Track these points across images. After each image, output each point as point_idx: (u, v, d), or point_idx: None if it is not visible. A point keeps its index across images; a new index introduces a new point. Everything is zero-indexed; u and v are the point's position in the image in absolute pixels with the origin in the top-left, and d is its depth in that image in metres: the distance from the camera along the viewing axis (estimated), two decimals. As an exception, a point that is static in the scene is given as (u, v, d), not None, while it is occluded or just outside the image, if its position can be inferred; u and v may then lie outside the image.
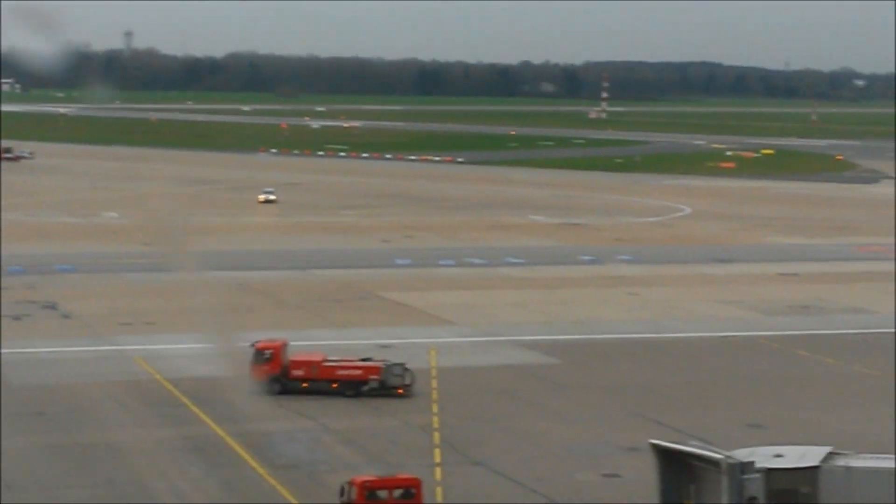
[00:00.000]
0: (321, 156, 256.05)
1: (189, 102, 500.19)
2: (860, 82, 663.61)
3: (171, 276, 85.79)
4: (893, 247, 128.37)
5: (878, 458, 42.57)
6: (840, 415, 64.91)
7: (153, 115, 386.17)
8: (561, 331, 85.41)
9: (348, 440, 58.57)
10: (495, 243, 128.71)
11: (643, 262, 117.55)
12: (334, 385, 66.55)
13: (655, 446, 43.19)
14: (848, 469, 40.04)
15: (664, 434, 54.56)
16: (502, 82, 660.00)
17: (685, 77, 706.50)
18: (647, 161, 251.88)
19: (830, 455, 41.06)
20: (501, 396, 67.74)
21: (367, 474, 48.37)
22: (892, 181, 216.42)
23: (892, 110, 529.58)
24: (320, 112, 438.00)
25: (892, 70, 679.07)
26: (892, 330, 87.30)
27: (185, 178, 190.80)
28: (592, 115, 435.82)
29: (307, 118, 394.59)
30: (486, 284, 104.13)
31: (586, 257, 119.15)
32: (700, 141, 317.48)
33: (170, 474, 52.91)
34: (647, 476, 46.02)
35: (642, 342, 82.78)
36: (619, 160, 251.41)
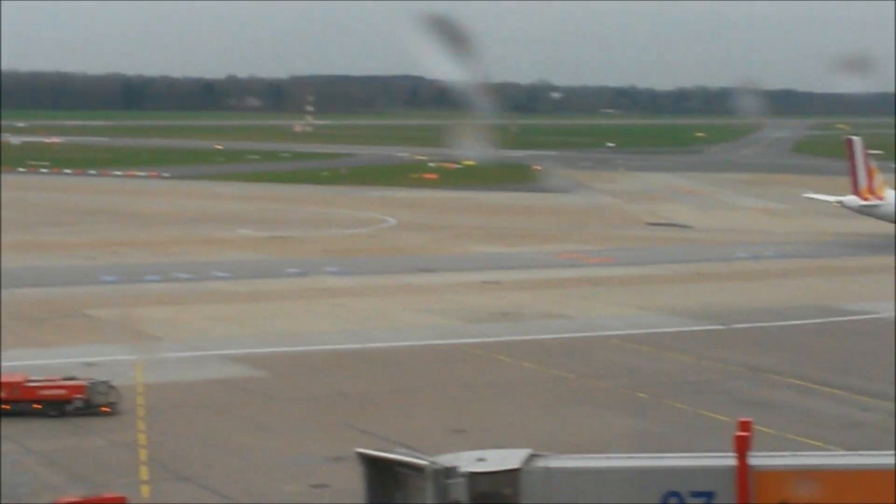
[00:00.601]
0: (22, 172, 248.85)
1: None
2: (556, 95, 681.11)
3: None
4: (588, 253, 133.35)
5: (575, 458, 43.99)
6: (540, 417, 67.02)
7: None
8: (269, 343, 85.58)
9: (52, 461, 57.54)
10: (203, 258, 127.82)
11: (350, 273, 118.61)
12: (37, 406, 65.20)
13: (362, 455, 43.76)
14: (547, 470, 41.20)
15: (371, 443, 55.35)
16: (208, 97, 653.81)
17: (389, 90, 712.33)
18: (353, 173, 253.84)
19: (531, 457, 42.13)
20: (209, 411, 67.57)
21: (71, 495, 47.71)
22: (587, 190, 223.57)
23: (587, 122, 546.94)
24: (20, 128, 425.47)
25: (586, 83, 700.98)
26: (589, 333, 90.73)
27: None
28: (298, 129, 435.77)
29: (6, 134, 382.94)
30: (193, 299, 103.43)
31: (294, 270, 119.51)
32: (404, 153, 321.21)
33: None
34: (354, 485, 46.63)
35: (350, 353, 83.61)
36: (325, 173, 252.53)
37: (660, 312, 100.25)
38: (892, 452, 40.64)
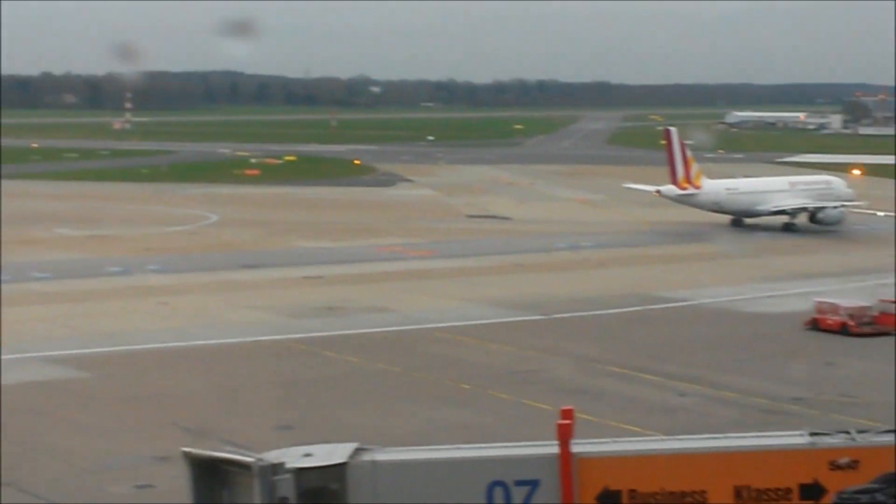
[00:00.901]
0: None
1: None
2: (376, 89, 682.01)
3: None
4: (410, 247, 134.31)
5: (401, 450, 44.38)
6: (365, 411, 67.43)
7: None
8: (91, 344, 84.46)
9: None
10: (20, 258, 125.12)
11: (172, 271, 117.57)
12: None
13: (187, 454, 43.61)
14: (374, 463, 41.54)
15: (197, 441, 55.22)
16: (23, 94, 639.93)
17: (208, 86, 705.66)
18: (173, 170, 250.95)
19: (357, 451, 42.41)
20: (31, 414, 66.53)
21: None
22: (408, 183, 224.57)
23: (407, 115, 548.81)
24: None
25: (405, 77, 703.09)
26: (413, 326, 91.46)
27: None
28: (117, 126, 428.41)
29: None
30: (11, 301, 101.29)
31: (115, 269, 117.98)
32: (225, 149, 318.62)
33: None
34: (180, 485, 46.48)
35: (174, 351, 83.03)
36: (145, 170, 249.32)
37: (482, 304, 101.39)
38: (709, 436, 41.90)
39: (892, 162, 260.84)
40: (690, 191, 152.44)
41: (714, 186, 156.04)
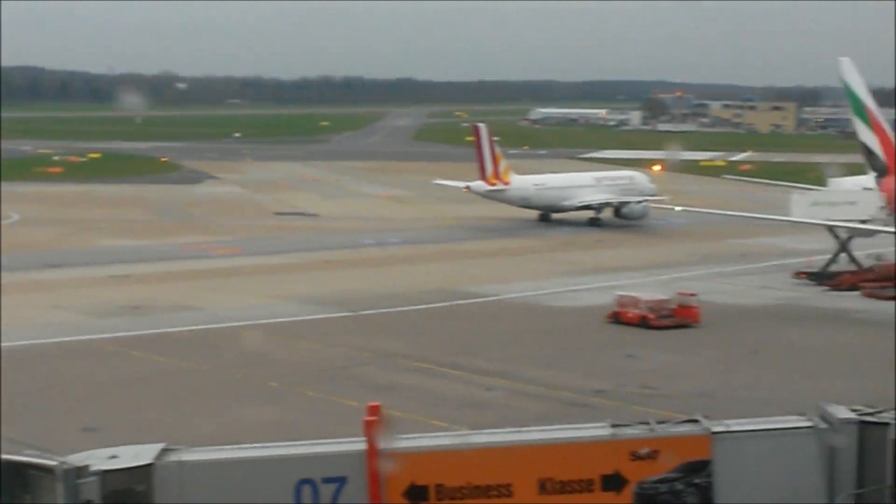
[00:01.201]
0: None
1: None
2: (182, 85, 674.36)
3: None
4: (217, 244, 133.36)
5: (209, 450, 44.15)
6: (172, 411, 66.79)
7: None
8: None
9: None
10: None
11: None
12: None
13: (-12, 458, 42.81)
14: (181, 463, 41.30)
15: (-2, 445, 54.07)
16: None
17: (7, 82, 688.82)
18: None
19: (164, 451, 42.12)
20: None
21: None
22: (215, 180, 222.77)
23: (214, 112, 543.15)
24: None
25: (212, 73, 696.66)
26: (220, 324, 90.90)
27: None
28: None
29: None
30: None
31: None
32: (26, 147, 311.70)
33: None
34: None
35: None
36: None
37: (290, 301, 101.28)
38: (514, 430, 42.54)
39: (690, 158, 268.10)
40: (499, 186, 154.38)
41: (522, 182, 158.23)
